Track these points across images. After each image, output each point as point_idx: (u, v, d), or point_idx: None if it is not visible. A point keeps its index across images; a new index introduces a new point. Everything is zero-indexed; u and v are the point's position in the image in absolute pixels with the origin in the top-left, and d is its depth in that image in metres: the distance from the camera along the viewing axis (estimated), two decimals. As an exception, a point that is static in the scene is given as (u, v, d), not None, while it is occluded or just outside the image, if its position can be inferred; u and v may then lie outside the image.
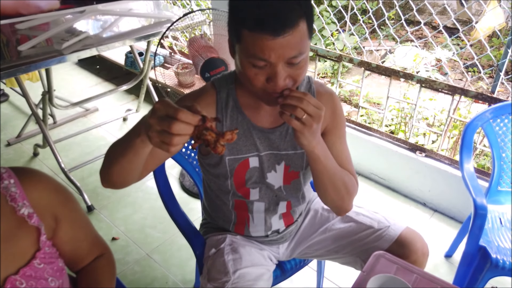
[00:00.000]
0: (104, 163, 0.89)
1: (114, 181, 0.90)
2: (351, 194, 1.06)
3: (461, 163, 1.53)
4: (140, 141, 0.76)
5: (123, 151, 0.81)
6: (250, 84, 0.89)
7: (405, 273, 1.05)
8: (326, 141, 1.06)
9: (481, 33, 2.62)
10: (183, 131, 0.68)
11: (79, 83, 3.55)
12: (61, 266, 0.90)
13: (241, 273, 1.10)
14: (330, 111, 1.06)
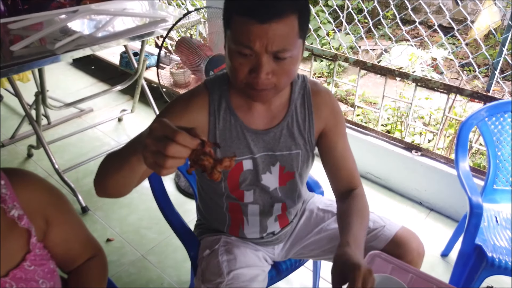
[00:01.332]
0: (99, 174, 0.88)
1: (109, 193, 0.89)
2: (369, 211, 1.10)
3: (456, 162, 1.53)
4: (137, 159, 0.74)
5: (118, 167, 0.80)
6: (234, 75, 0.89)
7: (401, 272, 1.05)
8: (328, 141, 1.06)
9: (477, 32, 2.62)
10: (179, 154, 0.65)
11: (74, 84, 3.52)
12: (53, 268, 0.89)
13: (235, 274, 1.08)
14: (328, 109, 1.06)
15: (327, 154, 1.10)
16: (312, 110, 1.06)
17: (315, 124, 1.07)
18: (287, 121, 1.05)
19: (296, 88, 1.06)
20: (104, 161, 0.87)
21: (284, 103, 1.05)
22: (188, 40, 1.84)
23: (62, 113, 2.96)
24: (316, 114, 1.07)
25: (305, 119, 1.06)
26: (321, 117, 1.07)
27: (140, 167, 0.77)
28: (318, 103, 1.07)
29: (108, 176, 0.83)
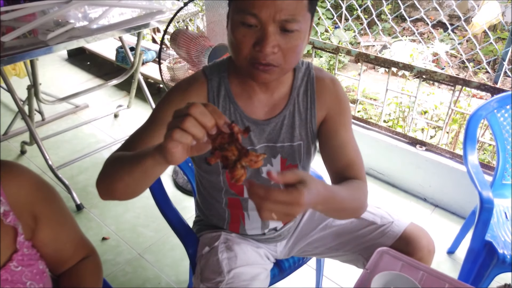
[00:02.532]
0: (104, 177, 0.82)
1: (117, 197, 0.83)
2: (364, 203, 0.95)
3: (465, 155, 1.47)
4: (151, 161, 0.68)
5: (129, 170, 0.74)
6: (237, 50, 0.83)
7: (411, 270, 0.99)
8: (328, 129, 0.99)
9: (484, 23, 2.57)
10: (191, 129, 0.60)
11: (69, 80, 3.46)
12: (42, 269, 0.82)
13: (236, 272, 1.03)
14: (332, 96, 1.00)
15: (325, 143, 1.01)
16: (315, 97, 1.00)
17: (317, 112, 1.01)
18: (288, 110, 0.99)
19: (299, 75, 1.00)
20: (110, 163, 0.82)
21: (286, 91, 0.99)
22: (184, 31, 1.77)
23: (56, 109, 2.90)
24: (319, 101, 1.00)
25: (307, 107, 1.00)
26: (323, 104, 1.00)
27: (154, 170, 0.71)
28: (322, 90, 1.00)
29: (117, 180, 0.77)
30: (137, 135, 0.91)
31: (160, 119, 0.91)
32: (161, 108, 0.94)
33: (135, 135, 0.92)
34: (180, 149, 0.63)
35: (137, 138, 0.91)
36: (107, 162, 0.83)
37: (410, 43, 3.51)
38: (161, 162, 0.67)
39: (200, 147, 0.67)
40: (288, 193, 0.62)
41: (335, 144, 0.98)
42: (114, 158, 0.83)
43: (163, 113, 0.92)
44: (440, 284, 0.96)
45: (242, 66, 0.85)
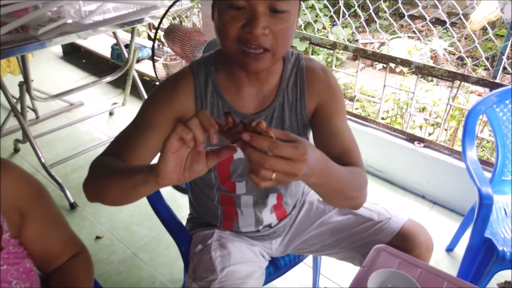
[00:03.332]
0: (91, 183, 0.79)
1: (107, 204, 0.80)
2: (363, 190, 0.89)
3: (463, 151, 1.45)
4: (144, 179, 0.66)
5: (120, 185, 0.71)
6: (225, 33, 0.80)
7: (409, 267, 0.97)
8: (321, 117, 0.96)
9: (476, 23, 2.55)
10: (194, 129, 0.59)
11: (64, 78, 3.42)
12: (29, 267, 0.80)
13: (229, 270, 1.00)
14: (323, 85, 0.97)
15: (319, 131, 0.96)
16: (305, 88, 0.97)
17: (307, 102, 0.97)
18: (278, 102, 0.96)
19: (288, 66, 0.97)
20: (98, 170, 0.78)
21: (276, 83, 0.96)
22: (178, 26, 1.74)
23: (51, 107, 2.87)
24: (309, 91, 0.97)
25: (297, 98, 0.97)
26: (313, 93, 0.97)
27: (144, 189, 0.69)
28: (311, 79, 0.97)
29: (107, 190, 0.75)
30: (124, 137, 0.88)
31: (147, 120, 0.88)
32: (148, 108, 0.90)
33: (122, 137, 0.88)
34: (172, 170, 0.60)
35: (122, 141, 0.87)
36: (94, 167, 0.80)
37: (408, 40, 3.49)
38: (151, 182, 0.65)
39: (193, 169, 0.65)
40: (294, 147, 0.58)
41: (329, 132, 0.93)
42: (102, 166, 0.79)
43: (150, 114, 0.89)
44: (438, 282, 0.94)
45: (231, 53, 0.82)
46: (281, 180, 0.59)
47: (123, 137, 0.88)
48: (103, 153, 0.85)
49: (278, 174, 0.58)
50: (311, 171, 0.62)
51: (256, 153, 0.57)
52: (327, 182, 0.71)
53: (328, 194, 0.80)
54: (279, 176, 0.59)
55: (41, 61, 3.65)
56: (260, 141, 0.57)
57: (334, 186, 0.76)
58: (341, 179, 0.77)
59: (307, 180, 0.67)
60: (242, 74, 0.91)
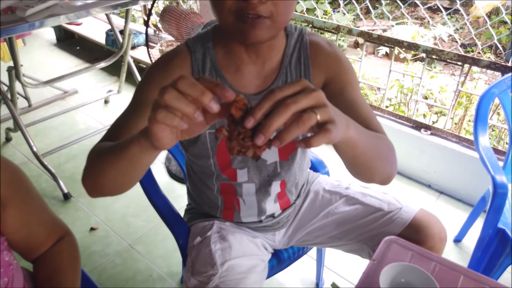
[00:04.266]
0: (89, 173, 0.73)
1: (106, 193, 0.74)
2: (394, 157, 0.81)
3: (475, 137, 1.37)
4: (138, 148, 0.59)
5: (115, 161, 0.64)
6: (220, 3, 0.72)
7: (422, 260, 0.91)
8: (333, 90, 0.88)
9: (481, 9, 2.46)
10: (175, 103, 0.49)
11: (58, 65, 3.32)
12: (8, 261, 0.73)
13: (230, 264, 0.94)
14: (330, 57, 0.89)
15: (333, 103, 0.89)
16: (309, 63, 0.89)
17: (313, 78, 0.90)
18: (280, 80, 0.89)
19: (291, 42, 0.89)
20: (93, 157, 0.72)
21: (278, 60, 0.89)
22: (173, 8, 1.65)
23: (44, 95, 2.78)
24: (314, 66, 0.89)
25: (301, 75, 0.89)
26: (319, 68, 0.89)
27: (141, 159, 0.61)
28: (317, 54, 0.89)
29: (103, 174, 0.69)
30: (120, 122, 0.82)
31: (142, 101, 0.82)
32: (142, 89, 0.84)
33: (117, 122, 0.82)
34: (167, 133, 0.52)
35: (119, 126, 0.81)
36: (90, 156, 0.74)
37: (411, 26, 3.39)
38: (147, 148, 0.57)
39: (192, 129, 0.57)
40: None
41: (343, 103, 0.84)
42: (96, 151, 0.73)
43: (145, 95, 0.82)
44: (454, 276, 0.88)
45: (228, 24, 0.74)
46: (324, 111, 0.52)
47: (119, 122, 0.82)
48: (99, 141, 0.79)
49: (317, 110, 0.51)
50: (341, 117, 0.57)
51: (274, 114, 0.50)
52: (363, 137, 0.65)
53: (365, 157, 0.70)
54: (317, 109, 0.51)
55: (33, 48, 3.55)
56: (258, 106, 0.51)
57: (370, 145, 0.69)
58: (369, 136, 0.71)
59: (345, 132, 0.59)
60: (241, 50, 0.83)
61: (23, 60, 2.49)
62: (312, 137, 0.52)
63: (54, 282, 0.78)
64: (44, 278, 0.79)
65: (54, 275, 0.80)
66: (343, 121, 0.58)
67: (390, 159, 0.79)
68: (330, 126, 0.52)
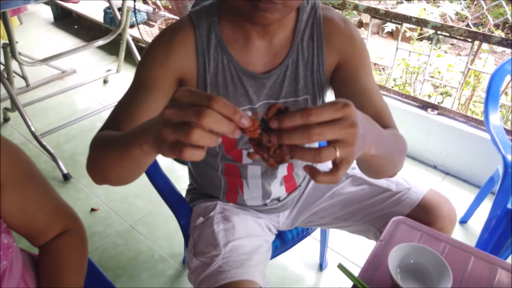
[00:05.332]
0: (93, 164, 0.70)
1: (113, 185, 0.71)
2: (405, 154, 0.79)
3: (486, 115, 1.33)
4: (141, 152, 0.55)
5: (119, 158, 0.61)
6: None
7: (431, 241, 0.88)
8: (346, 74, 0.84)
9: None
10: (217, 126, 0.45)
11: (55, 45, 3.25)
12: (7, 244, 0.70)
13: (233, 245, 0.91)
14: (344, 37, 0.84)
15: (344, 90, 0.84)
16: (323, 41, 0.84)
17: (326, 58, 0.85)
18: (291, 58, 0.84)
19: (303, 16, 0.84)
20: (98, 147, 0.68)
21: (288, 36, 0.84)
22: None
23: (42, 75, 2.73)
24: (327, 45, 0.84)
25: (313, 54, 0.85)
26: (334, 48, 0.84)
27: (145, 161, 0.58)
28: (331, 31, 0.84)
29: (109, 169, 0.66)
30: (122, 108, 0.77)
31: (145, 83, 0.77)
32: (144, 69, 0.79)
33: (119, 107, 0.77)
34: (200, 152, 0.47)
35: (122, 111, 0.76)
36: (94, 145, 0.70)
37: (418, 3, 3.30)
38: (152, 153, 0.54)
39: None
40: (331, 103, 0.47)
41: (356, 90, 0.81)
42: (99, 141, 0.69)
43: (147, 75, 0.78)
44: (464, 257, 0.85)
45: (238, 6, 0.69)
46: (346, 151, 0.48)
47: (121, 106, 0.77)
48: (101, 128, 0.75)
49: (338, 144, 0.47)
50: (364, 128, 0.50)
51: (297, 133, 0.46)
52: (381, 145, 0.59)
53: (382, 163, 0.68)
54: (341, 146, 0.47)
55: (30, 27, 3.48)
56: (290, 118, 0.46)
57: (387, 150, 0.65)
58: (390, 143, 0.67)
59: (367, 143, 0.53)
60: (249, 26, 0.79)
61: (20, 39, 2.44)
62: (319, 174, 0.49)
63: (57, 280, 0.75)
64: (47, 274, 0.76)
65: (58, 272, 0.76)
66: (366, 144, 0.53)
67: (402, 160, 0.76)
68: (343, 167, 0.49)
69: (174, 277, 1.53)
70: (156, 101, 0.76)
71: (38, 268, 0.77)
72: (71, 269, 0.77)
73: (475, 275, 0.81)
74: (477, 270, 0.82)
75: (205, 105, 0.45)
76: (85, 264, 0.79)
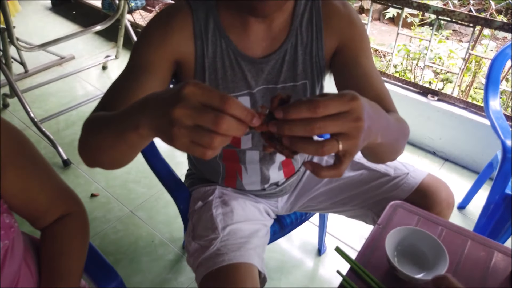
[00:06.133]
0: (85, 147, 0.67)
1: (106, 168, 0.69)
2: (407, 139, 0.79)
3: (486, 100, 1.33)
4: (137, 136, 0.53)
5: (112, 143, 0.58)
6: None
7: (429, 225, 0.89)
8: (346, 58, 0.83)
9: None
10: (234, 131, 0.45)
11: (53, 30, 3.22)
12: (9, 223, 0.70)
13: (232, 229, 0.91)
14: (343, 20, 0.83)
15: (344, 75, 0.84)
16: (322, 25, 0.83)
17: (325, 42, 0.84)
18: (290, 43, 0.83)
19: (301, 0, 0.83)
20: (90, 129, 0.66)
21: (287, 20, 0.83)
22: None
23: (40, 61, 2.71)
24: (327, 28, 0.84)
25: (312, 38, 0.84)
26: (333, 32, 0.84)
27: (141, 144, 0.56)
28: (330, 15, 0.83)
29: (101, 153, 0.64)
30: (116, 89, 0.75)
31: (141, 65, 0.76)
32: (140, 51, 0.77)
33: (113, 88, 0.75)
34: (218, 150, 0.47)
35: (116, 93, 0.75)
36: (86, 128, 0.67)
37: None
38: (149, 137, 0.53)
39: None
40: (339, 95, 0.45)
41: (356, 75, 0.81)
42: (92, 122, 0.66)
43: (143, 57, 0.76)
44: (461, 240, 0.86)
45: None
46: (349, 144, 0.46)
47: (115, 88, 0.76)
48: (94, 110, 0.73)
49: (341, 137, 0.46)
50: (371, 120, 0.49)
51: (298, 125, 0.45)
52: (387, 133, 0.58)
53: (387, 150, 0.68)
54: (344, 140, 0.46)
55: (28, 13, 3.44)
56: (296, 108, 0.44)
57: (392, 138, 0.64)
58: (395, 130, 0.66)
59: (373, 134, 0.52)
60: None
61: (17, 25, 2.41)
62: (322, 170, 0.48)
63: (58, 263, 0.75)
64: (49, 256, 0.76)
65: (59, 255, 0.76)
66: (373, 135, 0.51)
67: (404, 145, 0.76)
68: (347, 160, 0.48)
69: (174, 261, 1.55)
70: (152, 83, 0.75)
71: (40, 251, 0.78)
72: (72, 252, 0.77)
73: (472, 258, 0.81)
74: (473, 253, 0.82)
75: (219, 107, 0.43)
76: (86, 248, 0.80)
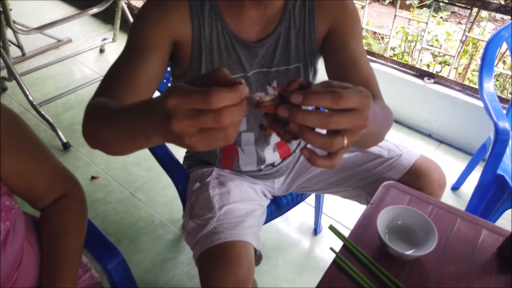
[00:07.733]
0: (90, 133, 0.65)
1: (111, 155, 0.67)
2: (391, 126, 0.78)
3: (480, 82, 1.34)
4: (151, 143, 0.52)
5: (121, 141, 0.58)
6: None
7: (420, 204, 0.92)
8: (336, 41, 0.84)
9: None
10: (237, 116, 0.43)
11: (50, 14, 3.19)
12: (9, 205, 0.72)
13: (228, 208, 0.94)
14: (336, 3, 0.85)
15: (334, 57, 0.84)
16: (314, 8, 0.84)
17: (318, 25, 0.85)
18: (283, 26, 0.85)
19: None
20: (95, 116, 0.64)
21: (281, 3, 0.84)
22: None
23: (37, 44, 2.70)
24: (319, 12, 0.85)
25: (305, 21, 0.85)
26: (325, 15, 0.85)
27: (149, 146, 0.56)
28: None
29: (108, 144, 0.63)
30: (116, 71, 0.75)
31: (139, 46, 0.76)
32: (138, 32, 0.78)
33: (113, 71, 0.75)
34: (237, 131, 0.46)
35: (118, 74, 0.75)
36: (91, 114, 0.66)
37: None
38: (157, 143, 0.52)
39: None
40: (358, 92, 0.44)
41: (345, 57, 0.82)
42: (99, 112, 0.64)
43: (142, 38, 0.77)
44: (451, 219, 0.89)
45: None
46: (351, 140, 0.46)
47: (117, 67, 0.76)
48: (96, 94, 0.72)
49: (346, 133, 0.45)
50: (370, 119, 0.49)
51: (314, 115, 0.43)
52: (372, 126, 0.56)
53: (370, 139, 0.69)
54: (348, 136, 0.45)
55: (24, -5, 3.40)
56: (319, 97, 0.42)
57: (376, 130, 0.65)
58: (380, 120, 0.66)
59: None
60: None
61: (14, 8, 2.39)
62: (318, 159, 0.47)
63: (58, 241, 0.77)
64: (48, 236, 0.78)
65: (58, 235, 0.78)
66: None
67: (385, 134, 0.75)
68: (342, 153, 0.47)
69: (174, 241, 1.58)
70: (153, 62, 0.76)
71: (40, 230, 0.80)
72: (72, 230, 0.79)
73: (461, 236, 0.84)
74: (462, 230, 0.85)
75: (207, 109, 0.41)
76: (85, 226, 0.82)
